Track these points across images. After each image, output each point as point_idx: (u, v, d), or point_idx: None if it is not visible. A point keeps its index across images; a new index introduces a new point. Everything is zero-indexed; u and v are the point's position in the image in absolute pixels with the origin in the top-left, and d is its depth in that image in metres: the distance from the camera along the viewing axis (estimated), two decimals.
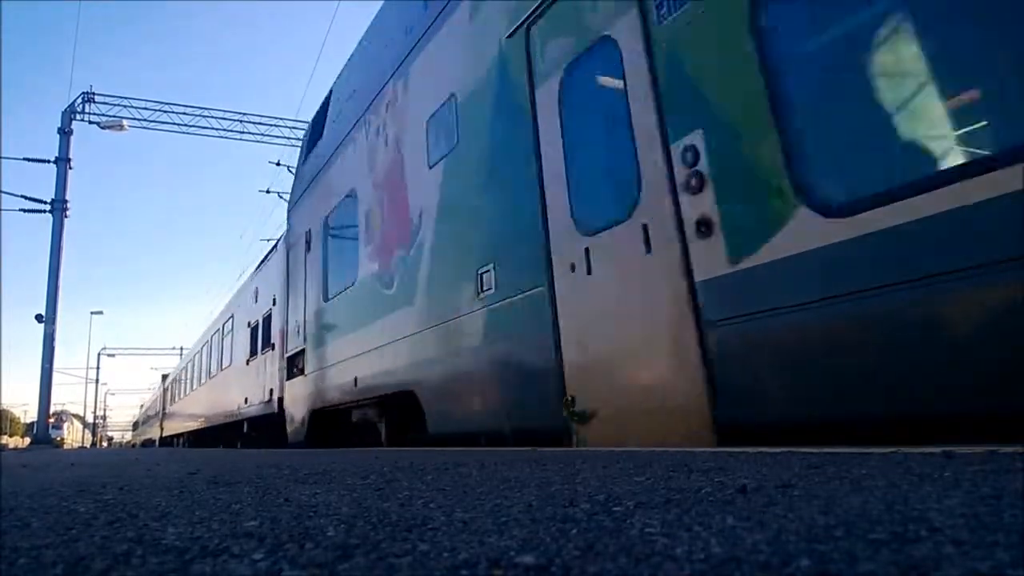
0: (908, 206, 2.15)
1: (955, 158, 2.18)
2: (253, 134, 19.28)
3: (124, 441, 70.13)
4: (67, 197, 16.53)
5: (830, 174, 2.49)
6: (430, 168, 5.19)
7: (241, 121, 19.16)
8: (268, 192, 19.73)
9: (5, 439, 47.89)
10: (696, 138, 2.95)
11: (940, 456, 1.71)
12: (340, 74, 7.90)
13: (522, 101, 4.13)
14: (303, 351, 7.90)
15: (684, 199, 3.00)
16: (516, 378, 4.06)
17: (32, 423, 31.92)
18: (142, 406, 50.76)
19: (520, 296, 4.01)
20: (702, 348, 2.87)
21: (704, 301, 2.88)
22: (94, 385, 50.73)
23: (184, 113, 18.60)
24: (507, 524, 1.17)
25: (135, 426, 56.55)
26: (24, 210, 16.41)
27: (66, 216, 16.41)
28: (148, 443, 35.68)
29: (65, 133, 16.93)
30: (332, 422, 7.22)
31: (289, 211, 9.49)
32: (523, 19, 4.17)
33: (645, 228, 3.21)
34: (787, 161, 2.56)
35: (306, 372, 7.73)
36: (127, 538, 1.23)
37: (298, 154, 9.80)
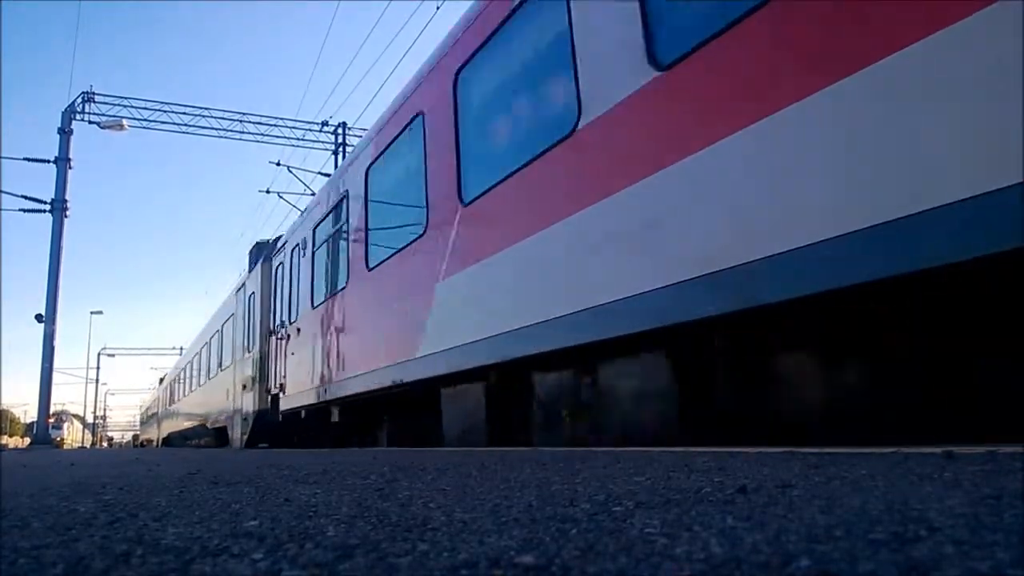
0: None
1: None
2: (253, 134, 19.27)
3: (124, 441, 69.72)
4: (67, 197, 16.53)
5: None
6: None
7: (241, 121, 19.15)
8: (268, 192, 19.53)
9: (5, 439, 47.78)
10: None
11: (940, 456, 1.71)
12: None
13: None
14: None
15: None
16: None
17: (32, 423, 31.37)
18: (162, 380, 32.20)
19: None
20: None
21: None
22: (94, 385, 50.66)
23: (184, 113, 18.57)
24: (507, 524, 1.17)
25: (144, 420, 41.41)
26: (24, 210, 16.42)
27: (66, 216, 16.40)
28: (185, 439, 20.00)
29: (65, 133, 16.92)
30: None
31: None
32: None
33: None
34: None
35: None
36: (127, 538, 1.23)
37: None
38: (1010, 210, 1.93)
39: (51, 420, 18.30)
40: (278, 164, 18.43)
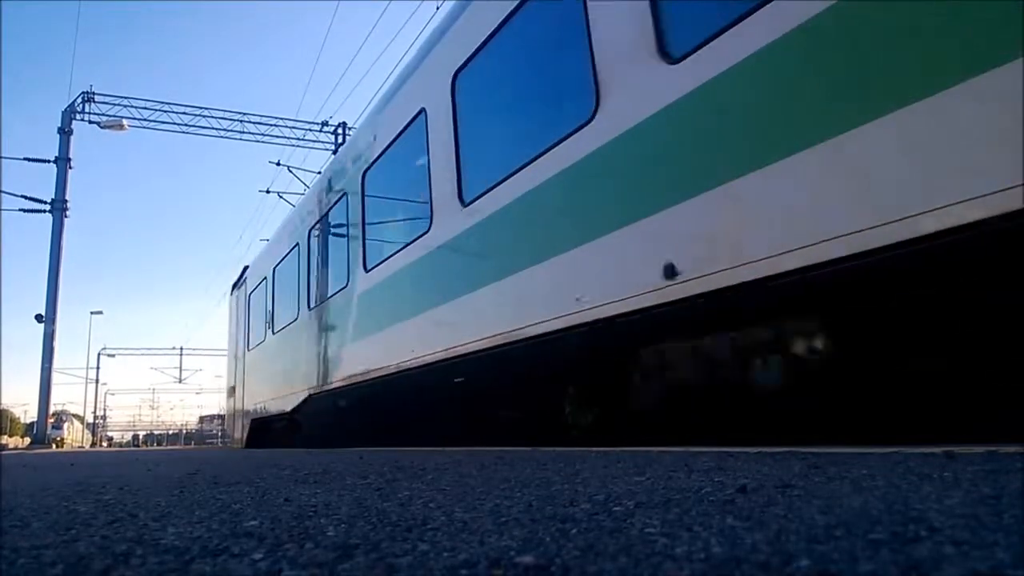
0: None
1: None
2: (253, 134, 19.30)
3: (123, 441, 69.30)
4: (67, 197, 16.55)
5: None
6: None
7: (241, 121, 19.17)
8: (268, 192, 19.59)
9: (5, 439, 47.66)
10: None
11: (940, 456, 1.71)
12: None
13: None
14: None
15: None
16: None
17: (32, 423, 31.31)
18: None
19: None
20: None
21: None
22: (94, 385, 50.53)
23: (184, 113, 18.62)
24: (507, 524, 1.17)
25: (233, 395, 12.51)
26: (24, 210, 16.44)
27: (66, 216, 16.42)
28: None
29: (65, 133, 16.94)
30: None
31: None
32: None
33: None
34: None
35: None
36: (127, 538, 1.23)
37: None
38: None
39: (51, 420, 18.31)
40: (278, 164, 18.46)
